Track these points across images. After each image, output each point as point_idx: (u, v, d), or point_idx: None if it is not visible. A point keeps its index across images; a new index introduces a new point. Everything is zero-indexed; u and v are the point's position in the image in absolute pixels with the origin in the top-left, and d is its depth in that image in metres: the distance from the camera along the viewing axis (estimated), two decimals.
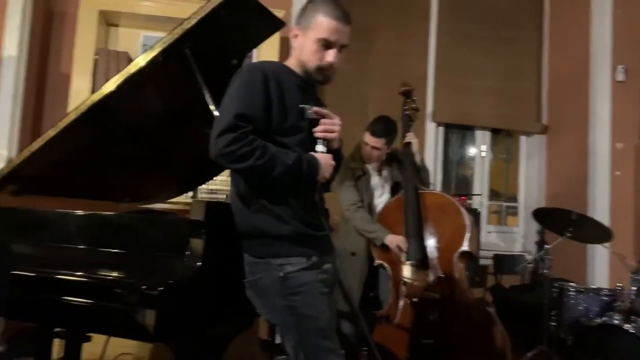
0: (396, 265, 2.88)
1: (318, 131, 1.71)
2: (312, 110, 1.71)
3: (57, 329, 2.23)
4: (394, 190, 3.16)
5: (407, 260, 2.82)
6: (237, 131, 1.58)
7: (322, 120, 1.72)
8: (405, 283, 2.80)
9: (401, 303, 2.81)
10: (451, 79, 4.67)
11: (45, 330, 2.19)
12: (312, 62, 1.74)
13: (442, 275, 2.78)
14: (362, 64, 4.41)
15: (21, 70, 3.66)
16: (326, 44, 1.72)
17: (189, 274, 1.66)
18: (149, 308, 1.54)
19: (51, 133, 2.05)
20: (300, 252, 1.69)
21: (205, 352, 1.78)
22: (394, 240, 2.87)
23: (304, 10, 1.77)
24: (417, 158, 3.07)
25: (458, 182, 4.96)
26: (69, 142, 2.08)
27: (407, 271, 2.81)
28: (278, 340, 2.67)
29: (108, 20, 3.83)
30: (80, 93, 3.46)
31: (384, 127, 3.09)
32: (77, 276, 1.75)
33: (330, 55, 1.72)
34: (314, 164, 1.67)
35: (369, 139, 3.07)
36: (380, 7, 4.54)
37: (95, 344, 2.37)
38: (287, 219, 1.68)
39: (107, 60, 3.62)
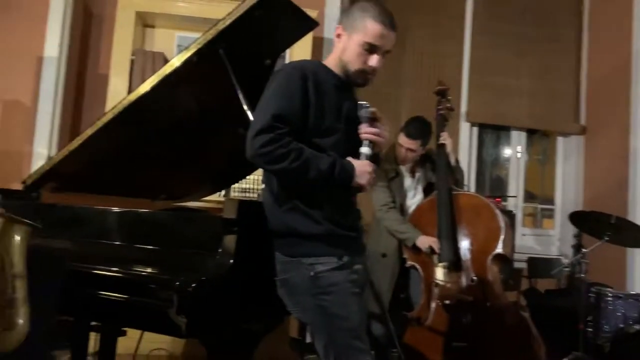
0: (428, 267, 2.85)
1: (369, 132, 1.70)
2: (370, 109, 1.70)
3: (93, 323, 2.28)
4: (426, 191, 3.13)
5: (440, 262, 2.78)
6: (273, 132, 1.58)
7: (376, 124, 1.71)
8: (437, 285, 2.77)
9: (433, 305, 2.78)
10: (486, 79, 4.59)
11: (82, 323, 2.24)
12: (354, 64, 1.73)
13: (475, 278, 2.74)
14: (395, 63, 4.38)
15: (61, 71, 3.76)
16: (371, 49, 1.72)
17: (221, 271, 1.67)
18: (182, 304, 1.56)
19: (89, 132, 2.09)
20: (332, 252, 1.69)
21: (236, 349, 1.79)
22: (425, 241, 2.84)
23: (349, 11, 1.77)
24: (452, 158, 3.02)
25: (492, 183, 4.88)
26: (106, 141, 2.12)
27: (439, 273, 2.78)
28: (308, 339, 2.68)
29: (144, 22, 3.90)
30: (118, 93, 3.53)
31: (420, 128, 3.05)
32: (113, 271, 1.78)
33: (374, 60, 1.73)
34: (349, 169, 1.66)
35: (404, 140, 3.03)
36: (414, 7, 4.50)
37: (129, 339, 2.41)
38: (319, 218, 1.68)
39: (144, 60, 3.69)
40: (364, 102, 1.72)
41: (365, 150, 1.70)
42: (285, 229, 1.71)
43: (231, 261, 1.69)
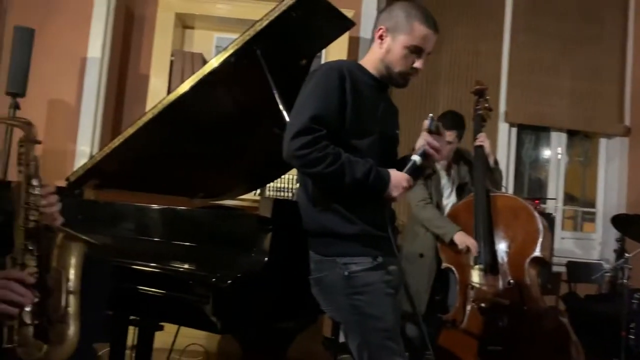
0: (464, 269, 2.81)
1: (428, 143, 1.68)
2: (437, 122, 1.70)
3: (132, 317, 2.33)
4: (459, 192, 3.09)
5: (476, 264, 2.74)
6: (311, 134, 1.58)
7: (438, 138, 1.70)
8: (473, 287, 2.73)
9: (468, 308, 2.74)
10: (526, 78, 4.51)
11: (121, 317, 2.30)
12: (398, 66, 1.74)
13: (512, 281, 2.69)
14: (432, 62, 4.33)
15: (103, 71, 3.86)
16: (416, 51, 1.72)
17: (256, 268, 1.69)
18: (217, 300, 1.58)
19: (130, 131, 2.13)
20: (366, 252, 1.69)
21: (270, 346, 1.81)
22: (463, 239, 2.78)
23: (391, 12, 1.76)
24: (491, 159, 2.97)
25: (531, 185, 4.78)
26: (146, 140, 2.16)
27: (475, 275, 2.74)
28: (342, 338, 2.68)
29: (184, 23, 3.97)
30: (158, 93, 3.60)
31: (454, 119, 3.03)
32: (152, 267, 1.82)
33: (419, 63, 1.73)
34: (385, 180, 1.65)
35: None
36: (452, 5, 4.46)
37: (166, 334, 2.46)
38: (354, 218, 1.68)
39: (183, 61, 3.76)
40: (432, 115, 1.72)
41: (416, 158, 1.70)
42: (319, 229, 1.72)
43: (266, 259, 1.70)
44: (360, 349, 1.70)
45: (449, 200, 3.11)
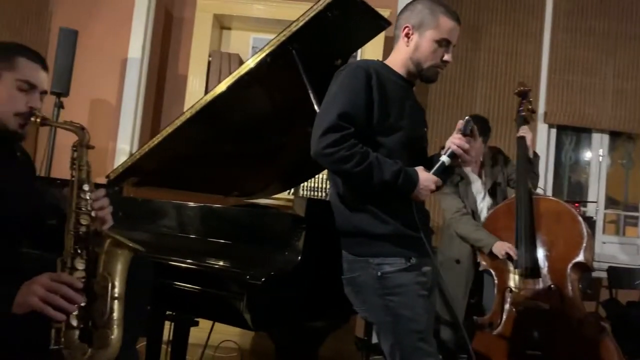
0: (503, 272, 2.75)
1: (459, 144, 1.67)
2: (472, 124, 1.69)
3: (168, 312, 2.37)
4: (492, 192, 3.04)
5: (516, 267, 2.69)
6: (339, 132, 1.59)
7: (470, 140, 1.69)
8: (511, 291, 2.69)
9: (506, 311, 2.68)
10: (566, 78, 4.39)
11: (157, 312, 2.34)
12: (428, 60, 1.74)
13: (553, 286, 2.63)
14: (469, 62, 4.28)
15: (143, 71, 3.95)
16: (445, 44, 1.73)
17: (289, 267, 1.70)
18: (250, 297, 1.60)
19: (168, 130, 2.17)
20: (399, 252, 1.68)
21: (302, 344, 1.82)
22: (502, 248, 2.73)
23: (413, 9, 1.76)
24: (530, 152, 2.88)
25: (571, 187, 4.66)
26: (183, 139, 2.20)
27: (514, 279, 2.69)
28: (374, 339, 2.67)
29: (222, 24, 4.02)
30: (195, 93, 3.67)
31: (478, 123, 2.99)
32: (187, 263, 1.85)
33: (448, 55, 1.74)
34: (413, 181, 1.64)
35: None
36: (489, 4, 4.38)
37: (201, 330, 2.49)
38: (387, 218, 1.68)
39: (220, 61, 3.81)
40: (470, 118, 1.71)
41: (445, 159, 1.69)
42: (352, 229, 1.72)
43: (299, 258, 1.71)
44: (392, 350, 1.69)
45: (484, 203, 3.06)
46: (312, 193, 3.53)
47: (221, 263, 1.83)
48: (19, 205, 1.59)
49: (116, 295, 1.43)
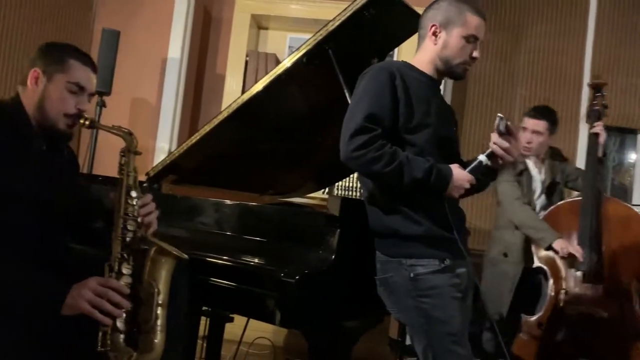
0: (559, 272, 2.62)
1: (497, 144, 1.64)
2: (506, 122, 1.65)
3: (204, 308, 2.41)
4: (549, 191, 2.91)
5: (577, 270, 2.56)
6: (367, 134, 1.58)
7: (509, 138, 1.65)
8: (567, 293, 2.57)
9: (559, 313, 2.57)
10: (610, 78, 4.26)
11: (194, 308, 2.38)
12: (457, 58, 1.73)
13: (614, 293, 2.50)
14: (508, 62, 4.19)
15: (182, 71, 4.01)
16: (473, 40, 1.72)
17: (323, 266, 1.71)
18: (284, 295, 1.62)
19: (206, 129, 2.21)
20: (433, 254, 1.67)
21: (336, 343, 1.82)
22: (566, 246, 2.57)
23: (439, 7, 1.76)
24: (600, 151, 2.76)
25: (614, 190, 4.52)
26: (220, 138, 2.23)
27: (571, 281, 2.57)
28: (408, 341, 2.64)
29: (259, 24, 4.06)
30: (233, 92, 3.71)
31: (544, 109, 2.89)
32: (223, 260, 1.88)
33: (477, 52, 1.74)
34: (446, 178, 1.62)
35: (528, 122, 2.85)
36: (530, 2, 4.29)
37: (236, 326, 2.53)
38: (420, 220, 1.67)
39: (257, 61, 3.85)
40: (502, 115, 1.67)
41: (482, 158, 1.66)
42: (384, 230, 1.72)
43: (333, 257, 1.72)
44: (425, 352, 1.68)
45: (539, 201, 2.92)
46: (346, 192, 3.53)
47: (256, 260, 1.85)
48: (65, 201, 1.64)
49: (160, 301, 1.47)
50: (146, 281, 1.48)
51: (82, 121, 1.57)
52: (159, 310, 1.47)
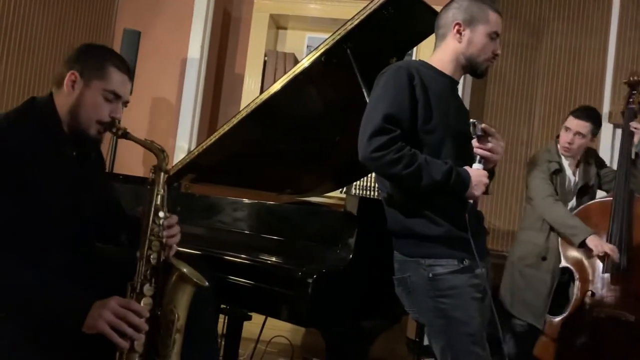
0: (587, 273, 2.58)
1: (481, 149, 1.66)
2: (482, 126, 1.66)
3: (222, 306, 2.43)
4: (580, 194, 2.84)
5: (605, 271, 2.52)
6: (386, 135, 1.58)
7: (489, 139, 1.66)
8: (593, 294, 2.53)
9: (584, 315, 2.53)
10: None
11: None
12: (482, 55, 1.74)
13: None
14: (529, 60, 4.14)
15: (202, 71, 4.04)
16: (495, 37, 1.74)
17: (341, 265, 1.71)
18: (302, 293, 1.62)
19: (225, 128, 2.22)
20: (452, 254, 1.66)
21: (354, 342, 1.82)
22: (599, 243, 2.52)
23: (459, 6, 1.76)
24: (632, 152, 2.71)
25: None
26: (239, 137, 2.24)
27: (599, 282, 2.53)
28: (426, 341, 2.62)
29: (277, 24, 4.07)
30: (252, 92, 3.73)
31: (590, 111, 2.82)
32: (242, 258, 1.89)
33: (498, 46, 1.75)
34: (465, 179, 1.61)
35: (572, 122, 2.78)
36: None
37: (254, 324, 2.54)
38: (439, 220, 1.66)
39: (275, 61, 3.86)
40: (476, 120, 1.67)
41: (477, 166, 1.66)
42: (403, 230, 1.71)
43: (350, 256, 1.72)
44: (443, 352, 1.67)
45: (572, 203, 2.86)
46: (364, 192, 3.52)
47: (274, 259, 1.86)
48: (94, 206, 1.65)
49: (179, 327, 1.47)
50: (166, 305, 1.47)
51: (114, 130, 1.56)
52: (177, 336, 1.46)
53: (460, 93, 1.91)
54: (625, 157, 2.67)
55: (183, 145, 3.95)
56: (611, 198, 2.63)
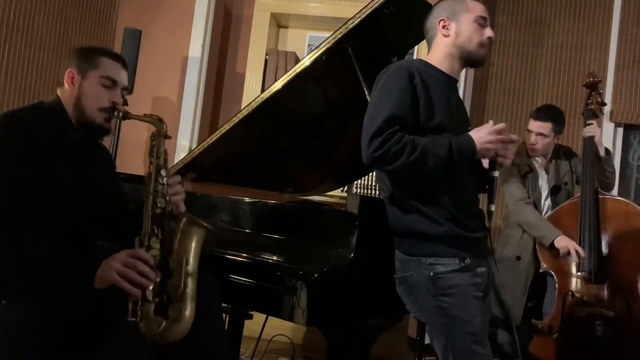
0: (565, 275, 2.64)
1: (502, 157, 1.67)
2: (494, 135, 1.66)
3: (224, 305, 2.43)
4: (554, 193, 2.91)
5: (579, 270, 2.57)
6: (383, 134, 1.57)
7: (509, 146, 1.67)
8: (573, 295, 2.57)
9: (567, 316, 2.58)
10: (635, 74, 4.18)
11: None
12: (473, 40, 1.74)
13: (619, 292, 2.51)
14: (530, 58, 4.14)
15: (203, 70, 4.04)
16: (482, 21, 1.74)
17: (342, 264, 1.71)
18: (303, 292, 1.62)
19: (226, 127, 2.22)
20: (453, 253, 1.66)
21: (355, 341, 1.82)
22: (566, 243, 2.58)
23: (440, 5, 1.79)
24: (601, 149, 2.75)
25: (638, 190, 4.44)
26: (240, 136, 2.25)
27: (577, 282, 2.58)
28: (427, 340, 2.63)
29: (279, 22, 4.07)
30: (253, 91, 3.72)
31: (548, 111, 2.88)
32: (243, 257, 1.89)
33: (489, 30, 1.75)
34: (468, 145, 1.61)
35: (532, 124, 2.87)
36: None
37: (255, 323, 2.54)
38: (440, 219, 1.65)
39: (276, 59, 3.86)
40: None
41: (495, 174, 1.68)
42: (404, 229, 1.71)
43: (352, 255, 1.72)
44: (445, 351, 1.67)
45: (547, 201, 2.93)
46: (365, 191, 3.52)
47: (275, 258, 1.86)
48: (101, 194, 1.72)
49: (190, 271, 1.52)
50: (176, 252, 1.53)
51: (116, 113, 1.66)
52: (189, 280, 1.51)
53: (461, 91, 1.92)
54: (588, 159, 2.71)
55: (184, 144, 3.95)
56: (578, 199, 2.69)
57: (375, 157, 1.58)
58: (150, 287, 1.45)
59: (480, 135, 1.62)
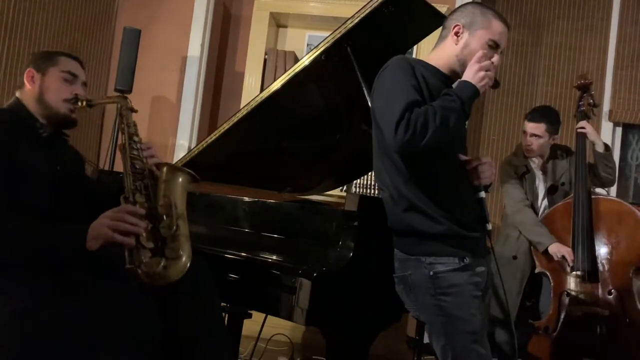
0: (559, 275, 2.68)
1: (477, 180, 1.71)
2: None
3: (222, 304, 2.43)
4: (551, 193, 2.94)
5: (573, 271, 2.61)
6: (403, 117, 1.54)
7: (480, 168, 1.70)
8: (568, 295, 2.60)
9: (562, 316, 2.61)
10: (634, 74, 4.18)
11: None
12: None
13: (613, 291, 2.54)
14: (529, 58, 4.15)
15: (202, 69, 4.04)
16: (494, 46, 1.69)
17: (341, 263, 1.71)
18: (302, 291, 1.62)
19: (225, 126, 2.22)
20: (453, 252, 1.66)
21: (354, 340, 1.82)
22: (558, 250, 2.66)
23: (464, 10, 1.75)
24: (599, 146, 2.78)
25: (637, 189, 4.44)
26: (239, 135, 2.24)
27: (571, 282, 2.61)
28: (426, 339, 2.64)
29: (278, 22, 4.07)
30: (252, 90, 3.73)
31: (543, 111, 2.91)
32: (242, 256, 1.90)
33: (496, 58, 1.69)
34: (468, 87, 1.61)
35: (526, 126, 2.91)
36: None
37: (254, 322, 2.54)
38: (440, 218, 1.65)
39: (276, 59, 3.86)
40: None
41: (483, 195, 1.72)
42: (404, 228, 1.71)
43: (351, 254, 1.72)
44: (444, 351, 1.67)
45: (544, 202, 2.96)
46: (364, 190, 3.53)
47: (274, 257, 1.87)
48: (72, 182, 1.75)
49: (179, 213, 1.58)
50: (162, 198, 1.58)
51: (80, 103, 1.71)
52: (180, 222, 1.56)
53: None
54: (581, 159, 2.74)
55: (183, 143, 3.95)
56: (572, 200, 2.72)
57: (407, 140, 1.53)
58: (144, 234, 1.50)
59: (472, 71, 1.63)
